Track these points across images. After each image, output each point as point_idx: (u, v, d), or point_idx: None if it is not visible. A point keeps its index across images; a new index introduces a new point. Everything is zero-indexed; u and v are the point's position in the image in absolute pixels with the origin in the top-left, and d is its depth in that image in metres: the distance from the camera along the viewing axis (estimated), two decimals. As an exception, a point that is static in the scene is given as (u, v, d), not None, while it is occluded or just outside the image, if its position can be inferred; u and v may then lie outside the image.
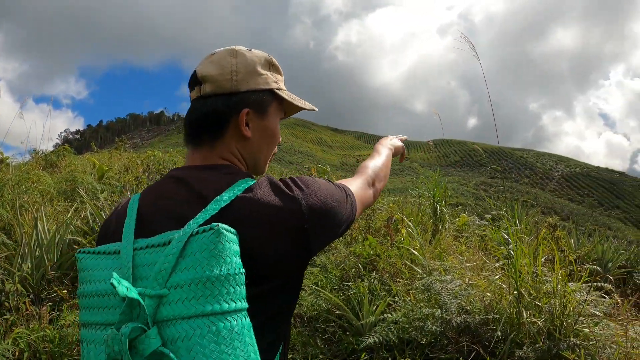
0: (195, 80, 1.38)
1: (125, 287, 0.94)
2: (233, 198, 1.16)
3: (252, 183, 1.23)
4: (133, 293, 0.94)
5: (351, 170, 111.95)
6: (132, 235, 1.15)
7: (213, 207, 1.13)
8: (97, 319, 1.06)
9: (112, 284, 0.92)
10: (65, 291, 4.52)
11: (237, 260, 1.02)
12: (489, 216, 9.15)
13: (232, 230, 1.04)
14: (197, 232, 1.02)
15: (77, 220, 5.67)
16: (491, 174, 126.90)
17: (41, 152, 13.50)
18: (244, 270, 1.03)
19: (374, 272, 5.42)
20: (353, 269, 5.60)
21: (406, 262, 5.43)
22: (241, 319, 0.98)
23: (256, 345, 1.00)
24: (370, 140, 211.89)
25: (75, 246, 5.04)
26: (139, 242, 1.11)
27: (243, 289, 1.02)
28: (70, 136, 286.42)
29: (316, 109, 1.66)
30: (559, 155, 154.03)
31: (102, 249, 1.16)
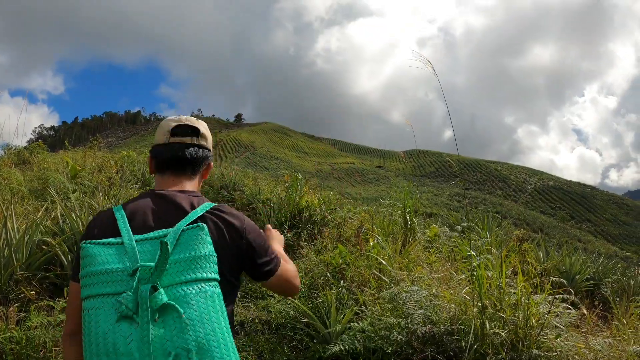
0: (194, 131, 2.01)
1: (146, 261, 1.52)
2: (204, 211, 1.79)
3: (213, 205, 1.86)
4: (144, 264, 1.50)
5: (326, 177, 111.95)
6: (129, 231, 1.66)
7: (193, 215, 1.74)
8: (106, 291, 1.50)
9: (105, 267, 1.53)
10: (34, 292, 4.48)
11: (211, 247, 1.61)
12: (459, 227, 9.22)
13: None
14: (187, 229, 1.61)
15: (47, 220, 5.62)
16: (465, 185, 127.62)
17: (14, 148, 13.39)
18: (215, 255, 1.61)
19: (342, 281, 5.45)
20: (322, 277, 5.64)
21: (374, 271, 5.47)
22: (216, 288, 1.56)
23: (225, 310, 1.56)
24: (346, 149, 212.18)
25: (44, 247, 5.00)
26: (136, 237, 1.63)
27: (216, 267, 1.59)
28: (45, 132, 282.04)
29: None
30: (532, 169, 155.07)
31: (105, 241, 1.63)
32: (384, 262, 5.52)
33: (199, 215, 1.77)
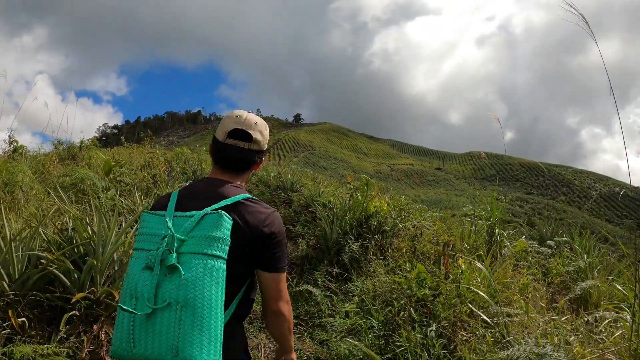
0: (246, 137, 2.23)
1: (162, 228, 1.93)
2: (235, 201, 2.09)
3: (246, 196, 2.16)
4: (168, 232, 1.88)
5: (385, 178, 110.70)
6: (173, 209, 2.05)
7: (222, 203, 2.06)
8: (145, 247, 1.93)
9: (168, 227, 1.91)
10: (23, 319, 3.43)
11: (228, 232, 1.92)
12: (552, 242, 7.85)
13: (229, 217, 1.95)
14: (209, 213, 1.95)
15: (52, 229, 4.53)
16: (527, 189, 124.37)
17: (65, 144, 13.13)
18: (229, 239, 1.92)
19: (427, 317, 4.22)
20: (402, 312, 4.40)
21: (472, 307, 4.20)
22: (221, 264, 1.86)
23: (224, 283, 1.86)
24: (405, 150, 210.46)
25: (42, 261, 3.92)
26: (176, 213, 2.01)
27: (227, 248, 1.90)
28: (109, 130, 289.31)
29: None
30: (598, 174, 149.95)
31: (157, 212, 2.04)
32: (482, 294, 4.25)
33: (229, 203, 2.06)
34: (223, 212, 1.94)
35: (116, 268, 4.32)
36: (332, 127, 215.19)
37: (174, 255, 1.83)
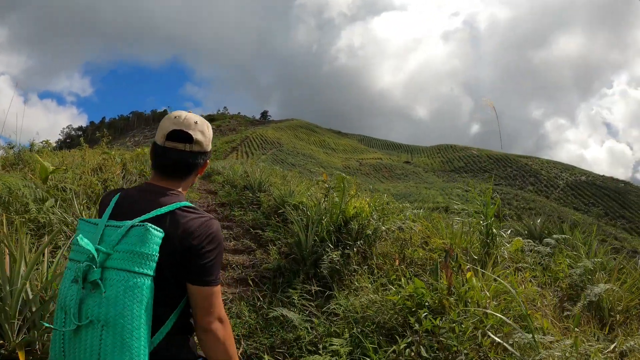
0: (186, 138, 2.08)
1: (85, 243, 1.81)
2: (167, 210, 1.97)
3: (181, 204, 2.03)
4: (89, 247, 1.79)
5: (354, 173, 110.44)
6: (107, 217, 1.96)
7: (153, 213, 1.95)
8: (75, 257, 1.86)
9: (77, 239, 1.82)
10: None
11: (155, 247, 1.83)
12: (551, 241, 7.06)
13: (159, 229, 1.86)
14: (136, 225, 1.85)
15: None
16: (496, 180, 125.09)
17: (15, 148, 12.63)
18: (157, 255, 1.83)
19: (440, 351, 3.37)
20: (408, 349, 3.56)
21: (494, 337, 3.35)
22: (146, 280, 1.79)
23: (151, 301, 1.80)
24: (373, 144, 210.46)
25: None
26: (110, 222, 1.93)
27: (153, 264, 1.82)
28: (73, 132, 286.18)
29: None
30: (564, 163, 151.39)
31: (90, 220, 1.97)
32: (509, 321, 3.43)
33: (161, 213, 1.95)
34: (150, 225, 1.86)
35: (33, 309, 3.45)
36: (299, 124, 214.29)
37: (98, 270, 1.79)
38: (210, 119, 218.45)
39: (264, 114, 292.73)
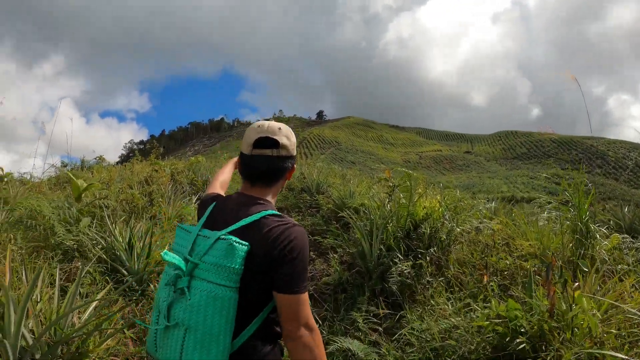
0: (272, 143, 2.12)
1: (171, 257, 1.91)
2: (252, 221, 1.99)
3: (265, 213, 2.02)
4: (175, 260, 1.90)
5: (414, 167, 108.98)
6: (200, 226, 2.07)
7: (238, 224, 1.99)
8: (172, 261, 1.90)
9: (162, 255, 1.91)
10: None
11: (239, 260, 1.86)
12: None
13: (244, 243, 1.88)
14: (222, 239, 1.90)
15: None
16: (561, 164, 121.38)
17: (69, 166, 12.88)
18: (241, 267, 1.86)
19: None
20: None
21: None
22: (228, 292, 1.84)
23: (233, 311, 1.85)
24: (432, 136, 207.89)
25: None
26: (202, 231, 2.02)
27: (237, 277, 1.86)
28: (135, 146, 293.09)
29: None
30: (631, 142, 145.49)
31: (186, 227, 2.09)
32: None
33: (247, 223, 1.98)
34: (235, 239, 1.89)
35: (37, 356, 2.84)
36: (356, 121, 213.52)
37: (186, 279, 1.89)
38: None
39: (320, 114, 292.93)
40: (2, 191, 7.21)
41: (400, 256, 4.97)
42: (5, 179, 8.85)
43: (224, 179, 2.79)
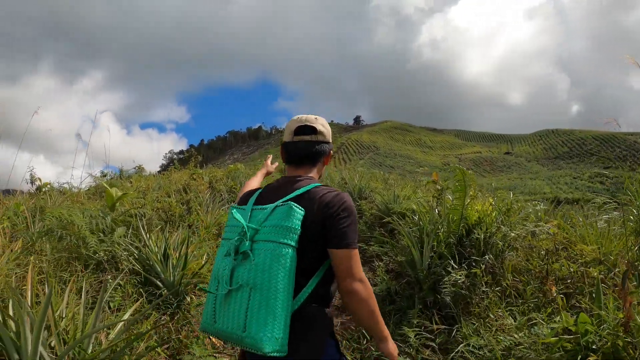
0: (311, 130, 2.39)
1: (239, 217, 2.10)
2: (305, 190, 2.18)
3: (315, 185, 2.23)
4: (242, 221, 2.07)
5: (453, 170, 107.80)
6: (252, 203, 2.24)
7: (292, 194, 2.17)
8: (228, 236, 2.13)
9: (230, 211, 2.21)
10: None
11: (298, 222, 2.01)
12: None
13: (300, 207, 2.05)
14: (280, 205, 2.08)
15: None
16: (605, 163, 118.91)
17: (109, 175, 12.85)
18: (299, 228, 2.01)
19: None
20: None
21: None
22: (290, 251, 1.96)
23: (294, 270, 1.97)
24: (470, 138, 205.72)
25: None
26: (255, 206, 2.19)
27: (296, 237, 1.99)
28: (175, 156, 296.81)
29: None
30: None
31: (240, 206, 2.26)
32: None
33: (300, 193, 2.16)
34: (293, 203, 2.05)
35: None
36: (393, 125, 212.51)
37: (247, 243, 2.01)
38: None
39: (357, 119, 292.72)
40: (40, 201, 7.16)
41: (453, 264, 4.59)
42: (44, 189, 8.77)
43: (254, 185, 2.92)
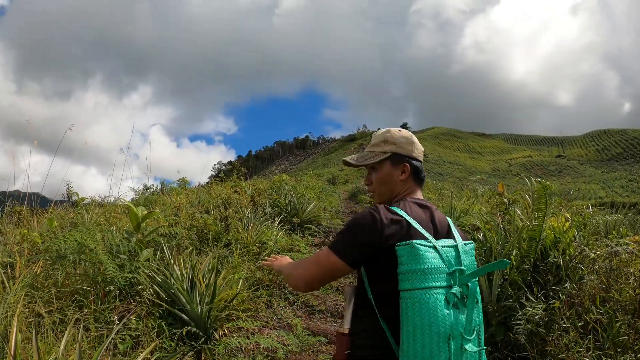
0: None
1: (459, 266, 1.85)
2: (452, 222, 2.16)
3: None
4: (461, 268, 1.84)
5: (504, 175, 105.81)
6: (434, 239, 1.91)
7: (456, 230, 2.10)
8: (435, 284, 1.75)
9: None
10: None
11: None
12: None
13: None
14: (465, 243, 1.97)
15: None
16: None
17: (150, 189, 12.64)
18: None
19: None
20: None
21: None
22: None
23: None
24: (520, 142, 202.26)
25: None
26: (443, 242, 1.91)
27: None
28: (223, 167, 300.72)
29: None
30: None
31: (428, 244, 1.84)
32: None
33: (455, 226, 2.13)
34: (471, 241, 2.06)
35: None
36: (440, 131, 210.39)
37: (473, 284, 1.84)
38: (351, 139, 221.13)
39: (404, 126, 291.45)
40: (77, 216, 6.85)
41: (530, 296, 3.83)
42: (80, 204, 8.46)
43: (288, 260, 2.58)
